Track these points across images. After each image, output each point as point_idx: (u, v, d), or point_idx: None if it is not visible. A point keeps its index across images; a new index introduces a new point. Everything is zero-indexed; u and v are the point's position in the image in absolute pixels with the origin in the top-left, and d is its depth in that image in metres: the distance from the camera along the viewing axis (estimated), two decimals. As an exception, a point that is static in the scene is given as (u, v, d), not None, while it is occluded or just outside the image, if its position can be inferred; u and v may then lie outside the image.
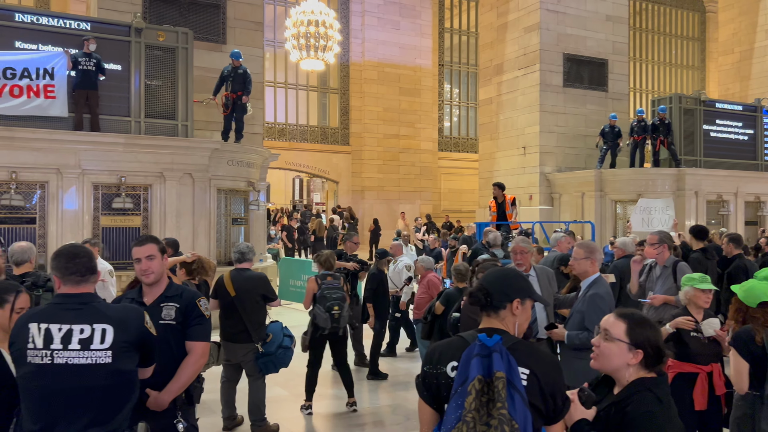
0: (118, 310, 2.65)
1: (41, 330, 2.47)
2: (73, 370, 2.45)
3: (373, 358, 7.63)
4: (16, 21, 10.15)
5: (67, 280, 2.58)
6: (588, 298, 4.20)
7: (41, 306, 2.62)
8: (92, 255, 2.68)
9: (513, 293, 2.28)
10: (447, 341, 2.34)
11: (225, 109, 11.95)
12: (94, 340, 2.48)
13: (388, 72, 25.46)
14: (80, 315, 2.52)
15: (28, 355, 2.46)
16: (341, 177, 25.74)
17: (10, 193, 9.55)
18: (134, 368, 2.63)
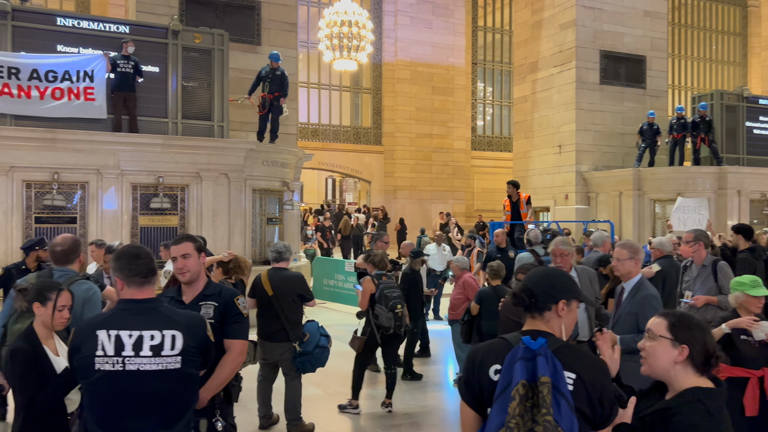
0: (184, 316, 2.65)
1: (111, 337, 2.47)
2: (144, 377, 2.46)
3: (408, 359, 7.58)
4: (58, 25, 10.39)
5: (130, 282, 2.57)
6: (641, 299, 4.09)
7: (109, 312, 2.60)
8: (152, 255, 2.69)
9: (558, 294, 2.21)
10: (489, 343, 2.28)
11: (261, 110, 12.03)
12: (164, 347, 2.49)
13: (420, 71, 25.37)
14: (149, 321, 2.52)
15: (97, 363, 2.45)
16: (374, 177, 25.75)
17: (52, 193, 9.78)
18: (197, 372, 2.64)
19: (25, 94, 9.80)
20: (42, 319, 3.08)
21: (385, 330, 6.08)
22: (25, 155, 9.61)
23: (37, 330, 3.09)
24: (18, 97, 9.76)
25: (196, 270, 3.29)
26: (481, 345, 2.30)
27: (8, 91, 9.67)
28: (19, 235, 9.55)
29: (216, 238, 10.71)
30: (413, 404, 6.72)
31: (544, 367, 2.00)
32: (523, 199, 11.22)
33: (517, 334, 2.20)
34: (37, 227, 9.71)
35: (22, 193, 9.65)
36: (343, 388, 7.42)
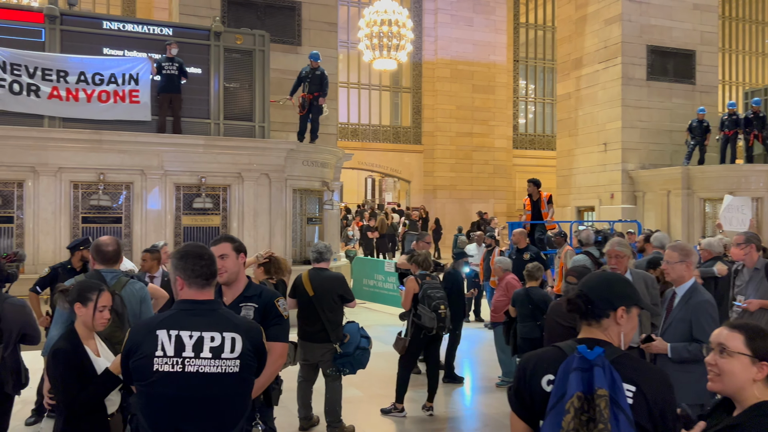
0: (243, 320, 2.62)
1: (172, 337, 2.42)
2: (203, 379, 2.40)
3: (449, 361, 7.45)
4: (104, 29, 10.60)
5: (192, 283, 2.52)
6: (695, 305, 3.86)
7: (168, 312, 2.56)
8: (214, 257, 2.63)
9: (617, 300, 2.06)
10: (541, 351, 2.14)
11: (301, 110, 12.05)
12: (224, 349, 2.43)
13: (461, 69, 25.13)
14: (209, 322, 2.47)
15: (156, 363, 2.40)
16: (413, 176, 25.63)
17: (98, 193, 9.98)
18: (253, 377, 2.59)
19: (73, 96, 10.02)
20: (83, 319, 3.08)
21: (427, 330, 5.99)
22: (72, 156, 9.83)
23: (78, 330, 3.09)
24: (66, 100, 9.98)
25: (234, 270, 3.24)
26: (533, 353, 2.16)
27: (57, 93, 9.91)
28: (67, 235, 9.76)
29: (257, 238, 10.78)
30: (454, 408, 6.59)
31: (602, 379, 1.86)
32: (544, 198, 10.83)
33: (571, 342, 2.06)
34: (84, 227, 9.92)
35: (70, 194, 9.87)
36: (384, 390, 7.33)
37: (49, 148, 9.71)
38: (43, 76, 9.85)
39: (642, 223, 16.91)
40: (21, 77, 9.71)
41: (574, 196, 19.76)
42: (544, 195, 10.84)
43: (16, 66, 9.68)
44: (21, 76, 9.71)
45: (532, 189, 10.88)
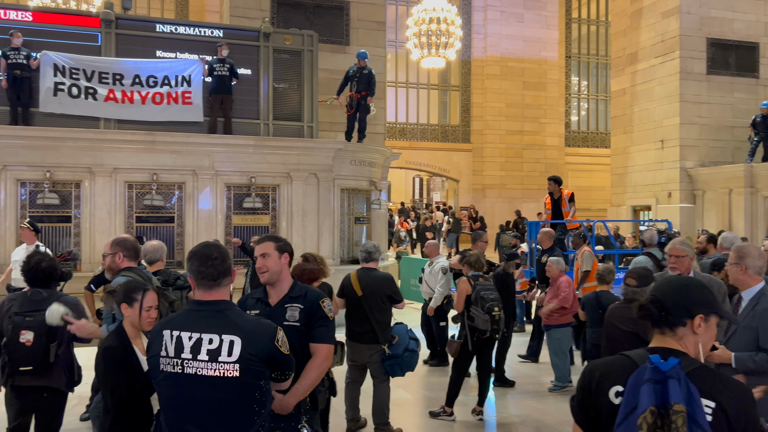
0: (251, 322, 2.52)
1: (173, 337, 2.42)
2: (202, 381, 2.37)
3: (500, 365, 7.25)
4: (157, 32, 10.81)
5: (199, 285, 2.50)
6: (763, 312, 3.58)
7: (178, 312, 2.55)
8: (227, 256, 2.57)
9: (695, 307, 1.89)
10: (608, 360, 1.98)
11: (349, 109, 12.02)
12: (221, 352, 2.38)
13: (511, 66, 24.74)
14: (212, 324, 2.43)
15: (161, 363, 2.42)
16: (462, 175, 25.36)
17: (151, 193, 10.18)
18: (263, 383, 2.50)
19: (128, 99, 10.25)
20: (130, 319, 3.09)
21: (480, 333, 5.83)
22: (127, 157, 10.05)
23: (127, 329, 3.11)
24: (122, 102, 10.22)
25: (275, 270, 3.16)
26: (599, 362, 2.00)
27: (113, 96, 10.15)
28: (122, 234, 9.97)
29: (305, 237, 10.80)
30: (505, 413, 6.41)
31: (677, 393, 1.69)
32: (566, 196, 10.29)
33: (642, 351, 1.90)
34: (138, 226, 10.13)
35: (125, 194, 10.10)
36: (432, 393, 7.21)
37: (105, 149, 9.96)
38: (100, 80, 10.10)
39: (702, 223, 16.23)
40: (79, 81, 9.98)
41: (630, 195, 19.17)
42: (566, 193, 10.33)
43: (75, 70, 9.96)
44: (79, 79, 9.98)
45: (553, 187, 10.38)
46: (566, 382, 7.25)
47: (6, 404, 3.94)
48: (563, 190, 10.31)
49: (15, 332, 3.69)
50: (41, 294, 3.87)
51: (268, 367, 2.49)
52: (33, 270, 3.90)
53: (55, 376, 3.83)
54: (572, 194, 10.26)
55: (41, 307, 3.79)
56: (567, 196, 10.17)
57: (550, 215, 10.40)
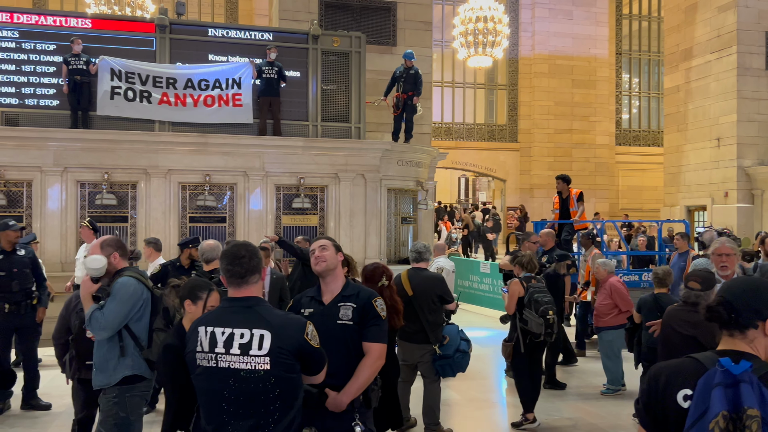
0: (280, 317, 2.61)
1: (207, 333, 2.52)
2: (235, 375, 2.46)
3: (551, 367, 7.16)
4: (209, 36, 11.06)
5: (230, 282, 2.60)
6: None
7: (212, 310, 2.66)
8: (255, 254, 2.65)
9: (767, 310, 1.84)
10: (675, 363, 1.93)
11: (395, 110, 12.05)
12: (252, 346, 2.47)
13: (559, 64, 24.34)
14: (243, 319, 2.52)
15: (197, 358, 2.53)
16: (509, 175, 25.09)
17: (204, 194, 10.42)
18: (295, 376, 2.57)
19: (181, 102, 10.52)
20: (191, 316, 3.16)
21: (534, 336, 5.72)
22: (180, 159, 10.31)
23: (186, 326, 3.17)
24: (175, 105, 10.49)
25: (333, 261, 3.23)
26: (665, 364, 1.96)
27: (167, 99, 10.43)
28: (176, 234, 10.25)
29: (353, 238, 10.88)
30: (557, 415, 6.32)
31: (751, 397, 1.64)
32: (574, 195, 9.96)
33: (711, 354, 1.85)
34: (191, 226, 10.38)
35: (178, 194, 10.37)
36: (482, 394, 7.18)
37: (160, 151, 10.24)
38: (154, 83, 10.39)
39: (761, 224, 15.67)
40: (134, 84, 10.30)
41: (684, 194, 18.62)
42: (574, 192, 10.06)
43: (130, 74, 10.28)
44: (135, 83, 10.30)
45: (561, 186, 10.07)
46: (619, 385, 7.11)
47: (73, 396, 4.11)
48: (572, 189, 10.05)
49: (82, 328, 3.84)
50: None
51: (299, 360, 2.56)
52: (98, 268, 4.03)
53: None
54: (581, 193, 9.99)
55: (106, 304, 3.93)
56: (575, 196, 9.90)
57: (558, 215, 10.20)
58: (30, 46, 10.23)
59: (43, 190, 9.81)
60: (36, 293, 6.23)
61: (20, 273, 6.11)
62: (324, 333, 2.89)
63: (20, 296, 6.09)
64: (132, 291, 3.60)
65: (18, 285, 6.08)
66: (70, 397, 4.87)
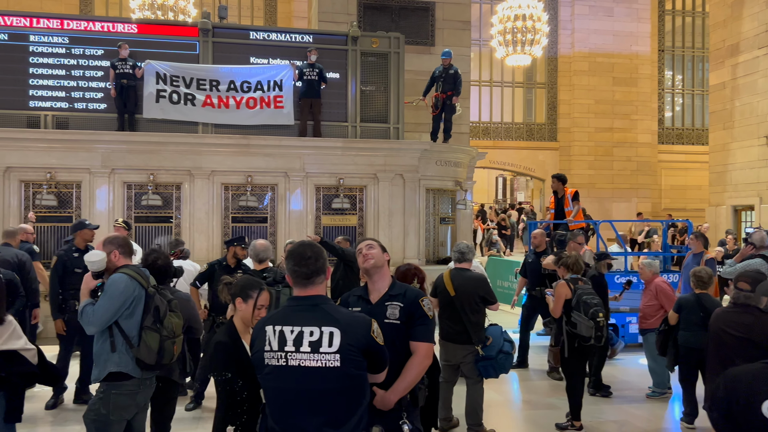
0: (347, 315, 2.64)
1: (276, 332, 2.55)
2: (306, 373, 2.48)
3: (596, 370, 7.05)
4: (251, 39, 11.24)
5: (295, 282, 2.64)
6: None
7: (278, 309, 2.69)
8: (321, 255, 2.68)
9: None
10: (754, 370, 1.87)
11: (434, 110, 12.04)
12: (322, 343, 2.49)
13: (600, 62, 23.95)
14: (310, 317, 2.55)
15: (266, 357, 2.55)
16: (547, 175, 24.72)
17: (246, 194, 10.60)
18: (363, 373, 2.60)
19: (223, 104, 10.72)
20: (242, 314, 3.22)
21: (582, 340, 5.60)
22: (223, 160, 10.51)
23: (237, 325, 3.25)
24: (218, 108, 10.70)
25: (380, 259, 3.28)
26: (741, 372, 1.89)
27: (210, 102, 10.64)
28: (219, 234, 10.45)
29: (391, 237, 10.91)
30: (602, 420, 6.23)
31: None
32: (569, 195, 9.75)
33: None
34: (234, 226, 10.57)
35: (221, 195, 10.57)
36: (523, 395, 7.13)
37: (203, 152, 10.45)
38: (198, 86, 10.61)
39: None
40: (179, 88, 10.53)
41: (730, 194, 18.12)
42: (569, 192, 9.86)
43: (175, 77, 10.52)
44: (179, 86, 10.53)
45: (556, 185, 9.85)
46: (665, 388, 6.97)
47: (126, 392, 4.22)
48: (567, 188, 9.88)
49: (136, 324, 3.95)
50: None
51: (366, 357, 2.57)
52: (150, 267, 4.16)
53: (171, 367, 4.07)
54: (576, 193, 9.78)
55: (157, 302, 4.04)
56: (570, 195, 9.73)
57: (554, 215, 10.04)
58: (79, 51, 10.55)
59: (91, 191, 10.11)
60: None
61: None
62: None
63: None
64: (123, 288, 3.58)
65: None
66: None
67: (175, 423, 4.40)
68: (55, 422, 5.91)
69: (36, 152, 9.94)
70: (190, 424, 5.80)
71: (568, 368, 5.80)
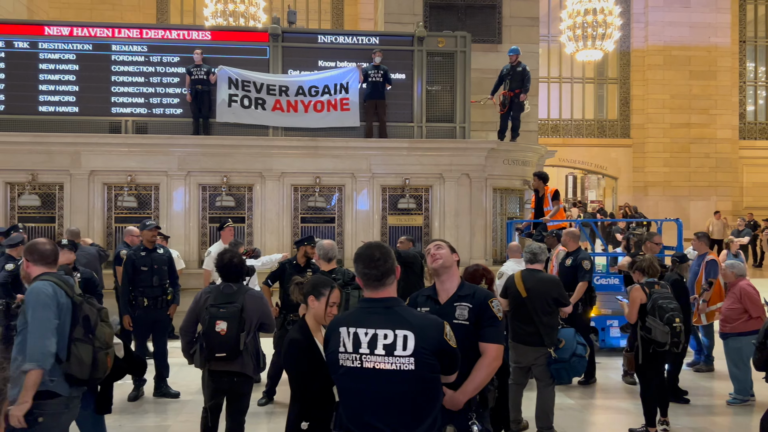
0: (419, 317, 2.65)
1: (350, 334, 2.58)
2: (380, 375, 2.51)
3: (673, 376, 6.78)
4: (318, 42, 11.44)
5: (366, 285, 2.66)
6: None
7: (351, 310, 2.73)
8: (389, 255, 2.68)
9: None
10: None
11: (502, 108, 11.89)
12: (396, 346, 2.50)
13: (675, 55, 23.00)
14: (384, 320, 2.56)
15: (340, 358, 2.59)
16: (620, 173, 24.03)
17: (314, 195, 10.81)
18: (436, 376, 2.61)
19: (292, 108, 10.96)
20: (314, 312, 3.29)
21: (657, 345, 5.40)
22: (292, 162, 10.75)
23: (309, 323, 3.31)
24: (287, 111, 10.95)
25: (449, 259, 3.30)
26: None
27: (280, 106, 10.91)
28: (288, 234, 10.70)
29: (458, 238, 10.86)
30: (679, 424, 6.00)
31: None
32: (549, 194, 9.35)
33: None
34: (303, 226, 10.80)
35: (291, 196, 10.81)
36: (597, 399, 6.97)
37: (274, 155, 10.72)
38: (268, 91, 10.89)
39: None
40: (250, 92, 10.84)
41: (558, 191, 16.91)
42: (549, 191, 9.43)
43: (246, 82, 10.83)
44: (250, 91, 10.84)
45: (537, 183, 9.50)
46: (747, 395, 6.65)
47: (203, 386, 4.41)
48: (547, 187, 9.51)
49: (211, 322, 4.12)
50: (232, 288, 4.29)
51: (439, 359, 2.57)
52: (225, 266, 4.32)
53: (245, 362, 4.22)
54: (556, 192, 9.42)
55: (233, 299, 4.20)
56: (550, 194, 9.37)
57: (534, 214, 9.72)
58: (157, 59, 11.03)
59: (168, 193, 10.55)
60: (170, 290, 6.75)
61: (159, 270, 6.66)
62: None
63: (158, 291, 6.64)
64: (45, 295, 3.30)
65: (158, 280, 6.62)
66: (196, 386, 5.22)
67: (249, 417, 4.54)
68: (137, 413, 6.22)
69: (118, 156, 10.46)
70: (263, 418, 5.97)
71: (643, 374, 5.62)
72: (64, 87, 10.79)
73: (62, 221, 10.35)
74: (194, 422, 4.69)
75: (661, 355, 5.52)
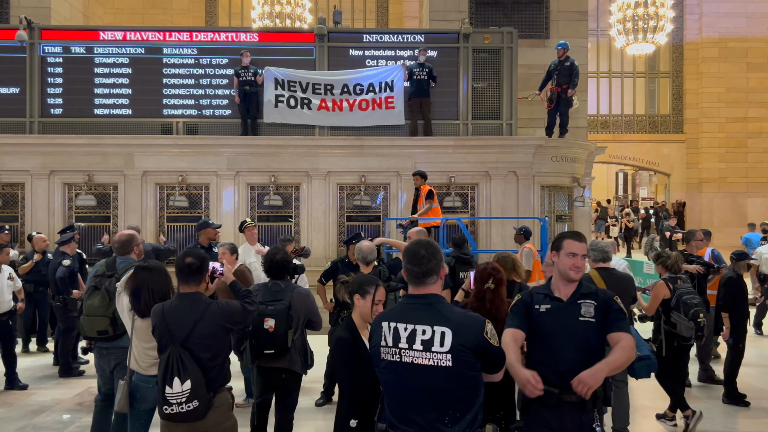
0: (460, 315, 2.65)
1: (391, 328, 2.63)
2: (418, 370, 2.54)
3: (730, 378, 6.56)
4: (365, 42, 11.48)
5: (410, 281, 2.69)
6: None
7: (394, 306, 2.75)
8: (435, 254, 2.67)
9: None
10: None
11: (549, 104, 11.70)
12: (434, 342, 2.53)
13: (731, 47, 22.17)
14: (424, 316, 2.59)
15: (382, 352, 2.64)
16: (673, 169, 23.31)
17: (360, 194, 10.86)
18: (476, 374, 2.60)
19: (337, 107, 11.03)
20: (360, 310, 3.32)
21: (682, 340, 5.55)
22: (338, 161, 10.82)
23: (355, 320, 3.34)
24: (332, 111, 11.03)
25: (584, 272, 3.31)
26: None
27: (325, 105, 10.99)
28: (334, 232, 10.78)
29: (504, 236, 10.73)
30: (736, 429, 5.78)
31: None
32: (423, 192, 9.01)
33: None
34: (348, 225, 10.86)
35: (336, 195, 10.89)
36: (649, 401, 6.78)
37: (320, 154, 10.82)
38: (313, 90, 11.00)
39: None
40: (296, 93, 10.97)
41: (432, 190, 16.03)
42: (424, 189, 9.07)
43: (292, 83, 10.96)
44: (296, 91, 10.97)
45: (418, 181, 9.24)
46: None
47: (253, 382, 4.48)
48: (424, 186, 9.17)
49: (260, 319, 4.17)
50: (279, 285, 4.34)
51: (479, 358, 2.57)
52: (269, 262, 4.38)
53: (293, 358, 4.27)
54: (429, 191, 9.02)
55: (280, 297, 4.25)
56: (424, 193, 9.03)
57: (412, 211, 9.46)
58: (206, 61, 11.27)
59: (218, 192, 10.77)
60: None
61: None
62: (565, 329, 3.02)
63: None
64: None
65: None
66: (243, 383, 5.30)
67: (301, 414, 4.57)
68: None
69: (169, 157, 10.74)
70: (313, 414, 6.01)
71: (666, 368, 5.69)
72: (118, 90, 11.14)
73: (117, 221, 10.69)
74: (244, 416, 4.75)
75: (685, 348, 5.69)
